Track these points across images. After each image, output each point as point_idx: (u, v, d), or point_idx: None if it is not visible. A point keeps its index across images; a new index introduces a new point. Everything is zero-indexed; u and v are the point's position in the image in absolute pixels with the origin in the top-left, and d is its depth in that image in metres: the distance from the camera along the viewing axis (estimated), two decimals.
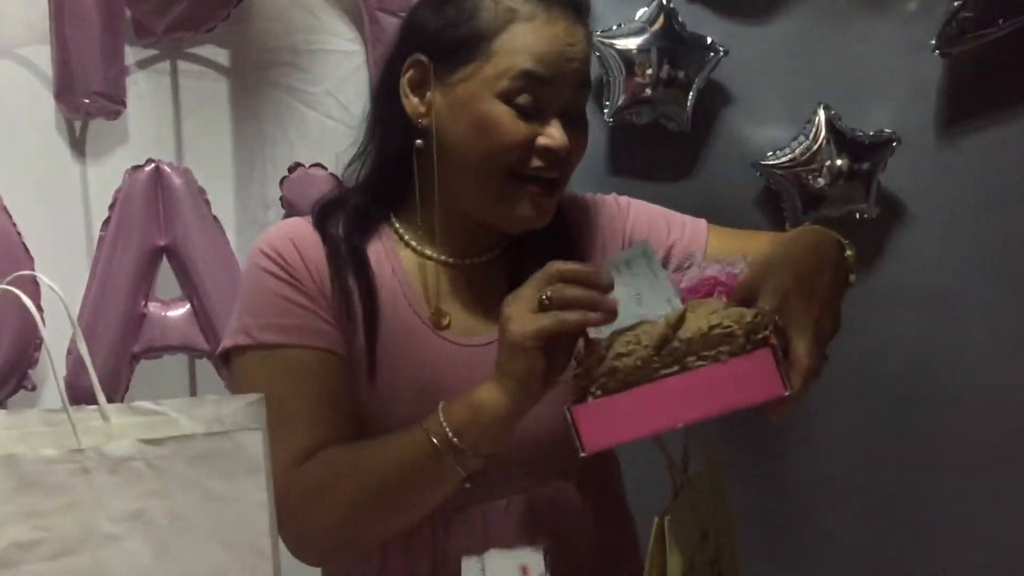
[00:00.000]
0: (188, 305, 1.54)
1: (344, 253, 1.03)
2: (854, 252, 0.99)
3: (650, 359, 0.83)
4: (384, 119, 1.07)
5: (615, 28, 1.57)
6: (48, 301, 0.87)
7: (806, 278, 0.89)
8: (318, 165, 1.52)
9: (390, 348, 1.02)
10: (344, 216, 1.06)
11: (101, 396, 0.82)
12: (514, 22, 0.98)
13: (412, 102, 1.02)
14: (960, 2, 1.50)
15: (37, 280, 0.87)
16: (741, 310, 0.83)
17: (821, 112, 1.56)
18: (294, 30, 1.54)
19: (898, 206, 1.61)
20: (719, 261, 0.94)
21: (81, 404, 0.80)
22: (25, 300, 0.80)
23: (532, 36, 0.98)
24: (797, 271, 0.89)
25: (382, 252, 1.06)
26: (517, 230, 1.04)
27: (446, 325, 1.04)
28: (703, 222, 1.16)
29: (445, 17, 1.01)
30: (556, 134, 0.99)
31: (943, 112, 1.59)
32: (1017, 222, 1.59)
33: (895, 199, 1.60)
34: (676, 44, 1.55)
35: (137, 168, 1.49)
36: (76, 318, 1.14)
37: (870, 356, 1.59)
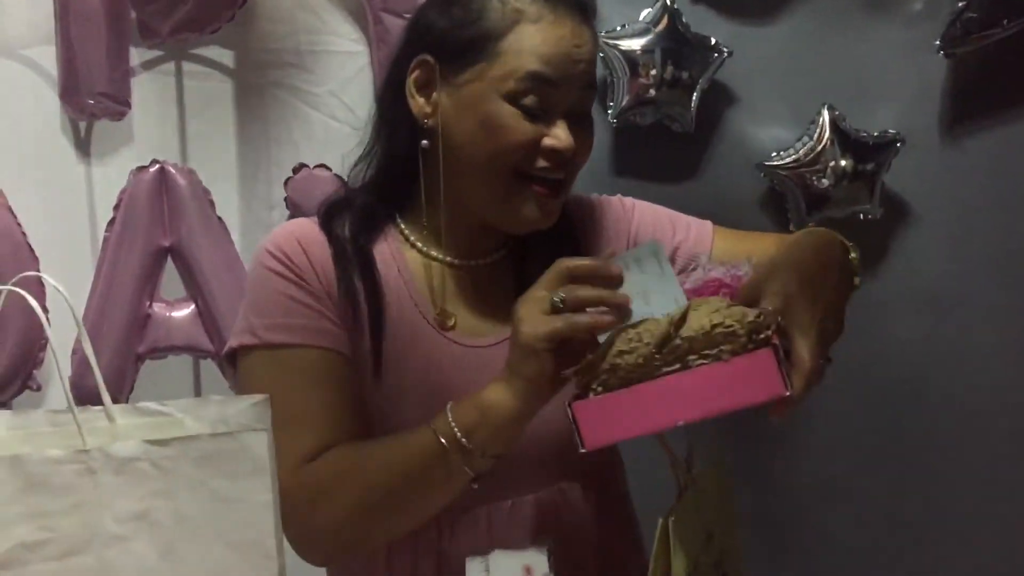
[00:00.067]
0: (192, 306, 1.54)
1: (350, 254, 1.03)
2: (859, 255, 0.99)
3: (652, 357, 0.83)
4: (390, 120, 1.07)
5: (619, 29, 1.57)
6: (53, 302, 0.87)
7: (810, 280, 0.89)
8: (322, 166, 1.52)
9: (395, 349, 1.02)
10: (350, 217, 1.06)
11: (107, 397, 0.82)
12: (521, 23, 0.98)
13: (418, 102, 1.02)
14: (964, 3, 1.50)
15: (42, 281, 0.88)
16: (744, 309, 0.83)
17: (825, 113, 1.56)
18: (298, 31, 1.53)
19: (902, 207, 1.60)
20: (724, 263, 0.94)
21: (86, 404, 0.80)
22: (31, 301, 0.80)
23: (539, 37, 0.98)
24: (801, 273, 0.89)
25: (388, 253, 1.06)
26: (522, 231, 1.04)
27: (451, 326, 1.04)
28: (709, 224, 1.15)
29: (452, 18, 1.01)
30: (562, 135, 0.99)
31: (947, 113, 1.58)
32: (1021, 223, 1.59)
33: (899, 200, 1.60)
34: (680, 45, 1.55)
35: (142, 169, 1.50)
36: (81, 319, 1.15)
37: (874, 357, 1.59)
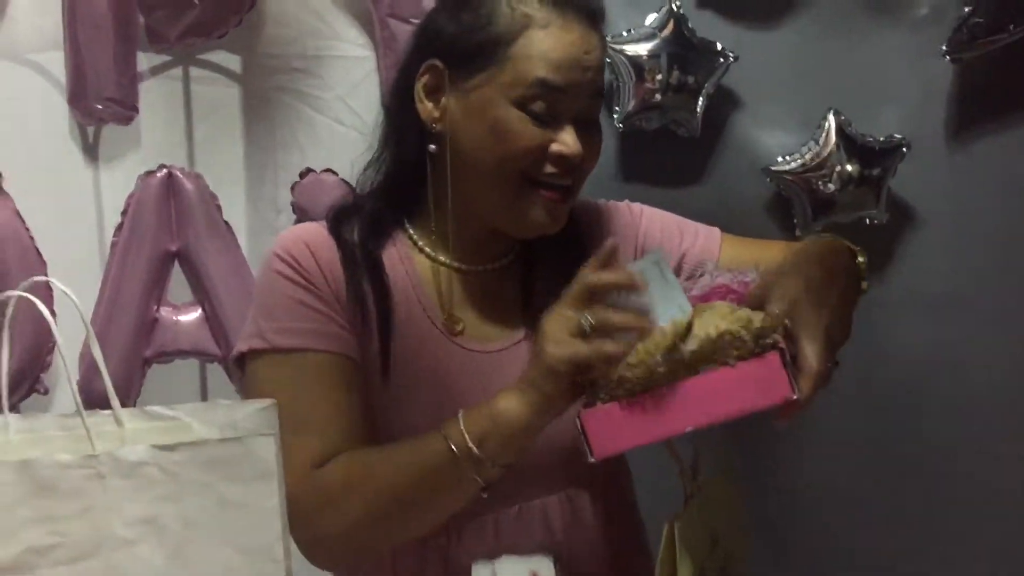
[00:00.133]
0: (199, 310, 1.54)
1: (359, 258, 1.03)
2: (866, 260, 0.99)
3: (657, 367, 0.83)
4: (398, 124, 1.07)
5: (625, 34, 1.57)
6: (60, 306, 0.87)
7: (816, 284, 0.89)
8: (329, 170, 1.52)
9: (404, 354, 1.02)
10: (359, 221, 1.06)
11: (115, 401, 0.82)
12: (530, 28, 0.98)
13: (427, 107, 1.02)
14: (970, 8, 1.50)
15: (50, 285, 0.88)
16: (749, 314, 0.84)
17: (831, 117, 1.55)
18: (305, 36, 1.54)
19: (908, 212, 1.60)
20: (731, 270, 0.94)
21: (94, 408, 0.80)
22: (40, 307, 0.80)
23: (548, 43, 0.98)
24: (808, 278, 0.89)
25: (396, 257, 1.06)
26: (530, 235, 1.05)
27: (460, 331, 1.04)
28: (716, 230, 1.15)
29: (461, 23, 1.01)
30: (570, 141, 0.99)
31: (953, 118, 1.58)
32: None
33: (905, 205, 1.60)
34: (686, 50, 1.55)
35: (149, 173, 1.50)
36: (91, 323, 1.15)
37: (878, 361, 1.59)
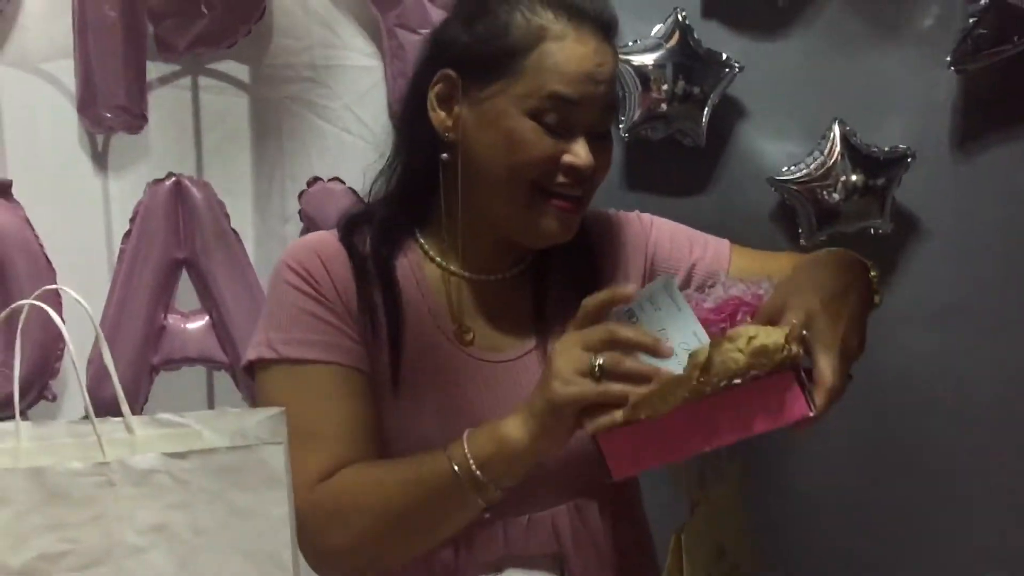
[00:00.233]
0: (207, 317, 1.54)
1: (371, 268, 1.03)
2: (878, 274, 1.00)
3: (680, 400, 0.84)
4: (410, 132, 1.07)
5: (631, 44, 1.57)
6: (67, 313, 0.87)
7: (831, 297, 0.90)
8: (336, 179, 1.52)
9: (414, 363, 1.02)
10: (370, 230, 1.06)
11: (126, 408, 0.83)
12: (545, 40, 0.98)
13: (439, 116, 1.02)
14: (975, 19, 1.50)
15: (59, 292, 0.88)
16: (765, 343, 0.83)
17: (836, 127, 1.56)
18: (313, 46, 1.54)
19: (913, 222, 1.60)
20: (743, 281, 0.94)
21: (102, 415, 0.81)
22: (53, 315, 0.81)
23: (562, 56, 0.98)
24: (823, 291, 0.90)
25: (407, 266, 1.06)
26: (542, 245, 1.05)
27: (470, 341, 1.04)
28: (726, 242, 1.16)
29: (475, 33, 1.01)
30: (582, 152, 0.99)
31: (958, 128, 1.58)
32: None
33: (910, 215, 1.60)
34: (691, 60, 1.55)
35: (158, 181, 1.50)
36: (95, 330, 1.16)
37: (883, 371, 1.59)
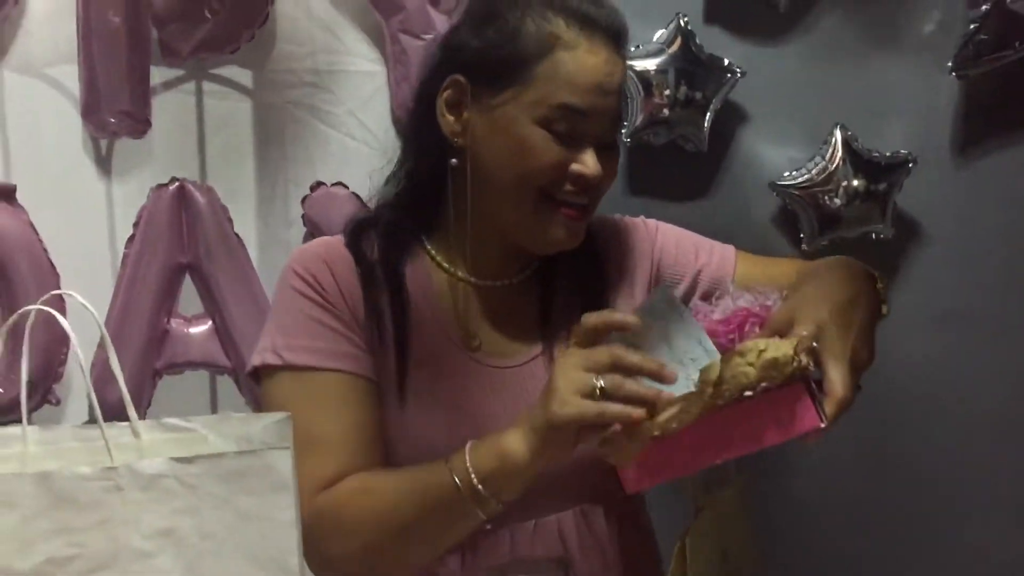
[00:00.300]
0: (210, 322, 1.54)
1: (379, 275, 1.03)
2: (885, 284, 1.00)
3: (694, 416, 0.84)
4: (417, 137, 1.07)
5: (633, 50, 1.57)
6: (71, 317, 0.88)
7: (841, 309, 0.90)
8: (340, 184, 1.53)
9: (421, 369, 1.02)
10: (377, 236, 1.06)
11: (133, 413, 0.83)
12: (556, 49, 0.98)
13: (448, 121, 1.02)
14: (976, 25, 1.51)
15: (63, 297, 0.89)
16: (776, 356, 0.83)
17: (837, 133, 1.56)
18: (316, 51, 1.54)
19: (914, 227, 1.61)
20: (751, 290, 0.94)
21: (107, 419, 0.81)
22: (61, 320, 0.81)
23: (573, 66, 0.98)
24: (832, 302, 0.90)
25: (414, 272, 1.06)
26: (549, 252, 1.05)
27: (477, 346, 1.05)
28: (731, 248, 1.16)
29: (486, 39, 1.00)
30: (590, 162, 1.00)
31: (959, 134, 1.59)
32: None
33: (911, 220, 1.60)
34: (693, 65, 1.56)
35: (161, 186, 1.51)
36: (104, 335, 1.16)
37: (885, 376, 1.57)
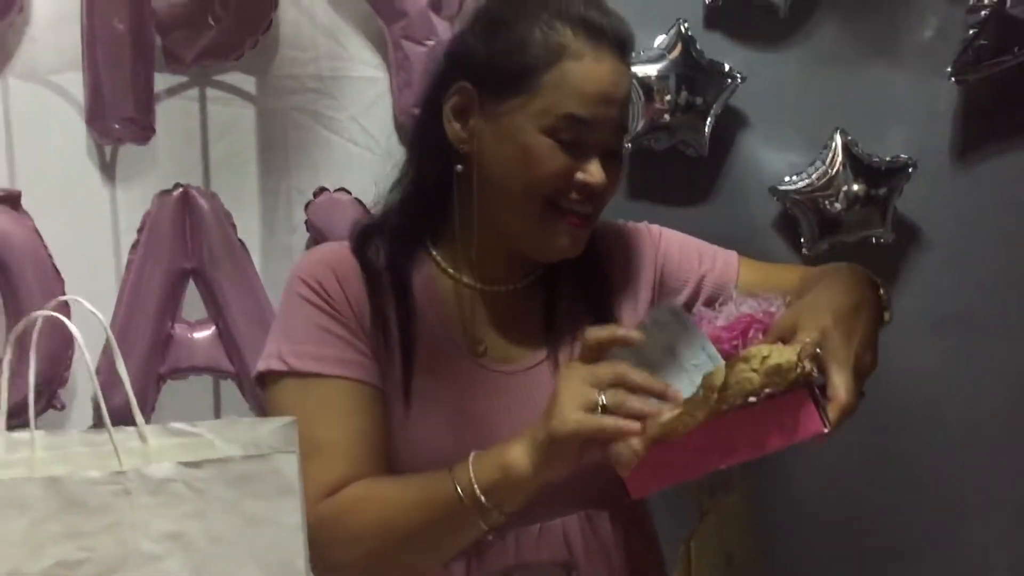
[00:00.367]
0: (213, 327, 1.55)
1: (385, 282, 1.04)
2: (888, 292, 1.00)
3: (698, 422, 0.85)
4: (423, 143, 1.08)
5: (634, 55, 1.58)
6: (75, 323, 0.88)
7: (844, 315, 0.90)
8: (342, 189, 1.53)
9: (427, 375, 1.02)
10: (384, 242, 1.07)
11: (140, 417, 0.84)
12: (563, 59, 0.98)
13: (454, 128, 1.03)
14: (975, 30, 1.51)
15: (68, 303, 0.90)
16: (779, 363, 0.84)
17: (838, 137, 1.57)
18: (319, 58, 1.55)
19: (914, 231, 1.61)
20: (755, 297, 0.95)
21: (112, 423, 0.81)
22: (70, 327, 0.82)
23: (579, 76, 0.98)
24: (835, 309, 0.91)
25: (419, 278, 1.07)
26: (552, 259, 1.06)
27: (482, 352, 1.05)
28: (734, 254, 1.17)
29: (493, 47, 1.01)
30: (595, 171, 1.00)
31: (959, 138, 1.59)
32: None
33: (911, 224, 1.61)
34: (694, 71, 1.57)
35: (165, 192, 1.51)
36: (106, 339, 1.16)
37: (884, 380, 1.56)
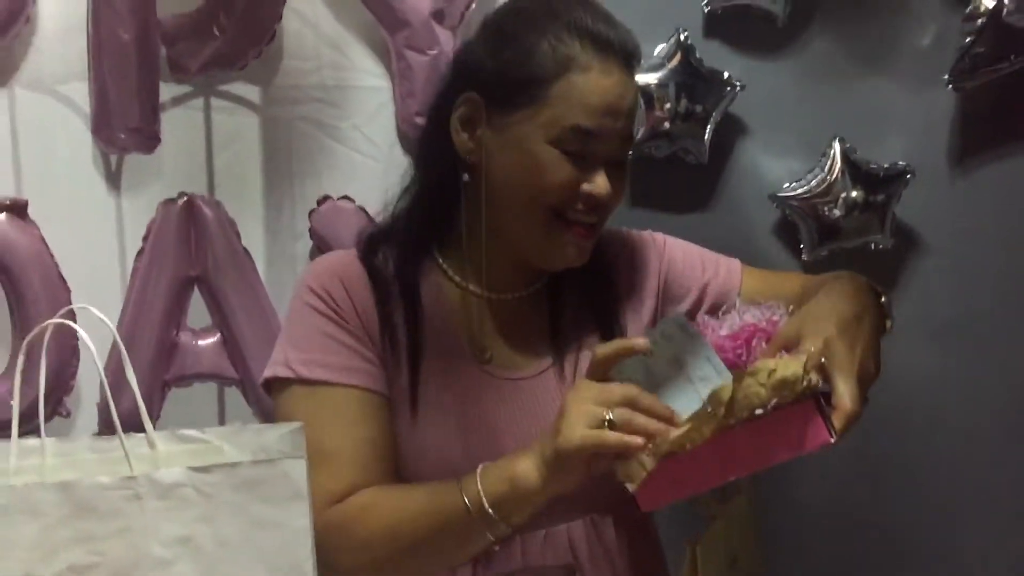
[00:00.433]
0: (218, 334, 1.56)
1: (392, 289, 1.05)
2: (889, 300, 1.01)
3: (706, 436, 0.86)
4: (430, 153, 1.09)
5: None
6: (82, 330, 0.90)
7: (847, 324, 0.91)
8: (346, 198, 1.54)
9: (434, 382, 1.03)
10: (391, 250, 1.08)
11: (148, 423, 0.85)
12: (570, 71, 0.99)
13: (462, 138, 1.04)
14: (973, 37, 1.52)
15: (74, 311, 0.91)
16: (784, 376, 0.85)
17: (836, 144, 1.58)
18: (323, 67, 1.56)
19: (913, 237, 1.62)
20: (758, 305, 0.96)
21: (116, 430, 0.83)
22: (81, 334, 0.83)
23: (586, 88, 0.99)
24: (838, 318, 0.91)
25: (426, 286, 1.08)
26: (556, 268, 1.07)
27: (489, 359, 1.06)
28: (737, 262, 1.18)
29: (501, 58, 1.02)
30: (601, 183, 1.01)
31: (957, 145, 1.60)
32: None
33: (910, 230, 1.62)
34: (694, 79, 1.58)
35: (170, 201, 1.52)
36: (111, 347, 1.17)
37: (883, 387, 1.58)
